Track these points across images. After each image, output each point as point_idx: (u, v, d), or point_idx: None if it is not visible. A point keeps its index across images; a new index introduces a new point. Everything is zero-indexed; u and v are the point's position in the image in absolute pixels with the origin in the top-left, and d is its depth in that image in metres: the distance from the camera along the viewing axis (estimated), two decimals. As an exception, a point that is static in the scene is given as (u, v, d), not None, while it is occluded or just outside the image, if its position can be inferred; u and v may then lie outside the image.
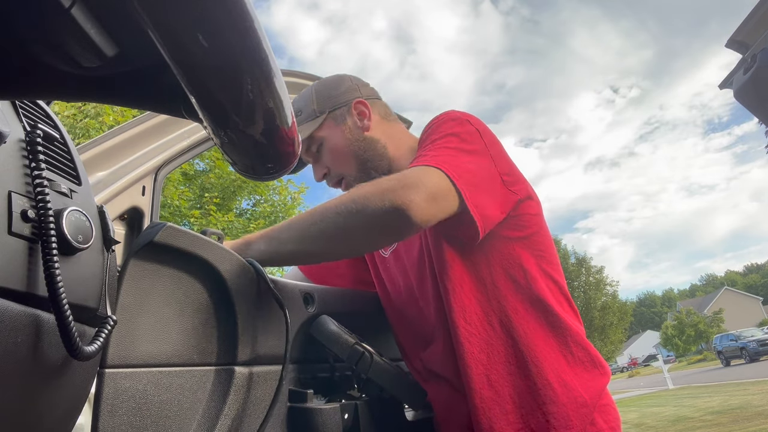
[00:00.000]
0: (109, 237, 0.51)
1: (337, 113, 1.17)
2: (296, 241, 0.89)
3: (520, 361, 0.98)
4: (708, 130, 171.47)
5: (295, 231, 0.89)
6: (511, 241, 1.03)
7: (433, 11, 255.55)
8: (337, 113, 1.17)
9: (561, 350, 1.00)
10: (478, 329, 1.00)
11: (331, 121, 1.16)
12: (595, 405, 0.98)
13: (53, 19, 0.33)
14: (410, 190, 0.84)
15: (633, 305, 44.86)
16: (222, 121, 0.38)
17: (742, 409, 8.22)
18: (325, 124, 1.17)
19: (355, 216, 0.85)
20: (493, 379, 0.98)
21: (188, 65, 0.33)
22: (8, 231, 0.38)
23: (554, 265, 1.08)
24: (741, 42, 1.67)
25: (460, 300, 1.01)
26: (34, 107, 0.51)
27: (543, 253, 1.06)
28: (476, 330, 1.00)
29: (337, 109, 1.17)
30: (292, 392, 0.89)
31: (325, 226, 0.86)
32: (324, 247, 0.90)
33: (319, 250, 0.91)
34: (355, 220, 0.85)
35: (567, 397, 0.95)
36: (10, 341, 0.36)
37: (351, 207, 0.86)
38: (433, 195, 0.86)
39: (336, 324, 0.95)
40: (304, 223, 0.89)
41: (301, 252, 0.90)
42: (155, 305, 0.69)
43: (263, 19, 2.05)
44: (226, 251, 0.81)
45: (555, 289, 1.06)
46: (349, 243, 0.90)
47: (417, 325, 1.12)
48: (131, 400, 0.63)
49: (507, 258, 1.03)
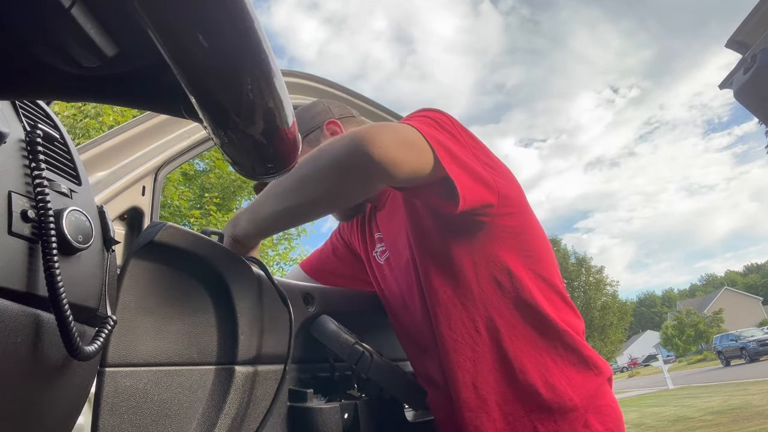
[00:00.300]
0: (109, 237, 0.51)
1: (311, 137, 1.19)
2: (276, 198, 0.88)
3: (507, 367, 0.97)
4: (708, 130, 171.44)
5: (273, 189, 0.89)
6: (497, 243, 1.01)
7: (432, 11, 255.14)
8: (311, 137, 1.19)
9: (549, 353, 0.98)
10: (464, 337, 0.99)
11: (307, 146, 1.17)
12: (587, 407, 0.96)
13: (53, 19, 0.33)
14: (378, 130, 0.82)
15: (633, 305, 44.86)
16: (222, 121, 0.38)
17: (742, 409, 8.22)
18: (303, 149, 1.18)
19: (323, 156, 0.84)
20: (479, 386, 0.97)
21: (188, 65, 0.33)
22: (8, 231, 0.38)
23: (544, 263, 1.05)
24: (741, 42, 1.67)
25: (445, 309, 1.00)
26: (34, 107, 0.51)
27: (531, 253, 1.04)
28: (462, 338, 0.99)
29: (311, 133, 1.20)
30: (292, 392, 0.89)
31: (301, 173, 0.85)
32: (301, 197, 0.87)
33: (297, 202, 0.87)
34: (323, 161, 0.84)
35: (555, 402, 0.94)
36: (10, 341, 0.36)
37: (321, 149, 0.85)
38: (403, 140, 0.84)
39: (336, 324, 0.95)
40: (284, 179, 0.87)
41: (282, 210, 0.88)
42: (156, 304, 0.69)
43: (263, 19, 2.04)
44: (226, 251, 0.81)
45: (546, 289, 1.03)
46: (322, 187, 0.87)
47: (412, 332, 1.12)
48: (131, 398, 0.63)
49: (492, 262, 1.01)
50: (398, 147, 0.83)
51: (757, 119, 1.80)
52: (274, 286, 0.85)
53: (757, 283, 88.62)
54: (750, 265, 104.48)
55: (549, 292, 1.04)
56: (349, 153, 0.82)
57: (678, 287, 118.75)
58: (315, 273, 1.39)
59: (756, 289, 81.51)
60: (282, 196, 0.87)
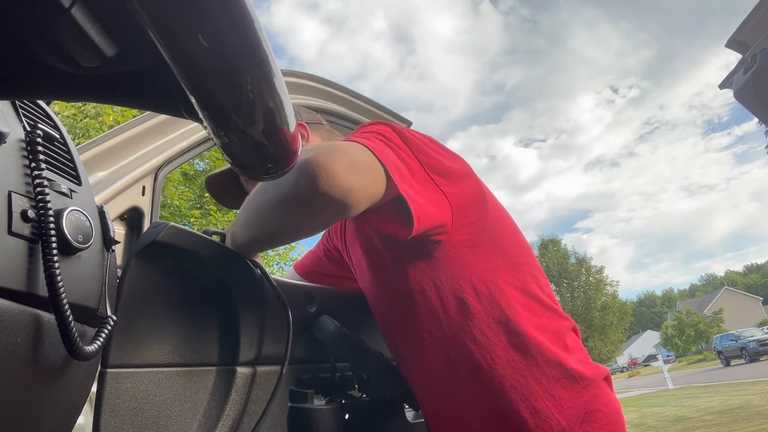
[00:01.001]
0: (109, 237, 0.51)
1: None
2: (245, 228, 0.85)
3: (489, 399, 0.90)
4: (708, 130, 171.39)
5: (242, 215, 0.86)
6: (457, 262, 0.94)
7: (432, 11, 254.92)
8: None
9: (532, 373, 0.90)
10: (441, 373, 0.93)
11: None
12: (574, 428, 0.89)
13: (53, 19, 0.33)
14: (328, 156, 0.74)
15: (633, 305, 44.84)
16: (222, 121, 0.38)
17: (742, 409, 8.22)
18: None
19: (269, 188, 0.79)
20: (461, 415, 0.93)
21: (188, 65, 0.33)
22: (8, 231, 0.38)
23: (515, 269, 0.97)
24: (741, 42, 1.67)
25: (415, 346, 0.95)
26: (34, 107, 0.51)
27: (497, 262, 0.95)
28: (439, 374, 0.94)
29: None
30: (293, 392, 0.89)
31: (255, 204, 0.82)
32: (261, 230, 0.84)
33: (261, 233, 0.85)
34: (270, 194, 0.79)
35: (540, 428, 0.87)
36: (10, 341, 0.36)
37: (268, 183, 0.79)
38: (355, 164, 0.77)
39: (337, 324, 0.95)
40: (246, 206, 0.85)
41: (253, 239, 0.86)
42: (157, 305, 0.69)
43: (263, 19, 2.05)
44: (228, 251, 0.81)
45: (519, 297, 0.94)
46: (275, 222, 0.82)
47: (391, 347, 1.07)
48: (132, 400, 0.63)
49: (455, 283, 0.92)
50: (352, 174, 0.75)
51: (757, 119, 1.80)
52: (272, 288, 0.84)
53: (757, 283, 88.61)
54: (750, 265, 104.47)
55: (524, 300, 0.95)
56: (295, 186, 0.74)
57: (678, 287, 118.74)
58: (308, 275, 1.36)
59: (756, 289, 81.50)
60: (247, 226, 0.85)
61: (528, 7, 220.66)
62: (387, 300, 0.99)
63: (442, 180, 0.94)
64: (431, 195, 0.90)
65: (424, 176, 0.91)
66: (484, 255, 0.95)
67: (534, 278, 0.99)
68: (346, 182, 0.74)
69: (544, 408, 0.88)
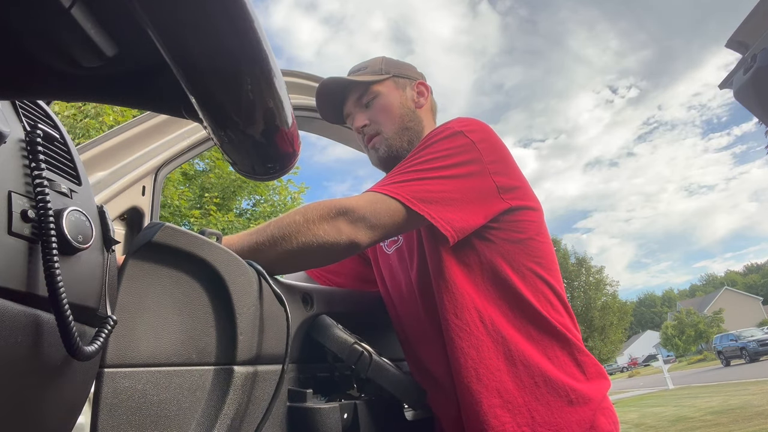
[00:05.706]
0: (109, 237, 0.51)
1: (399, 80, 1.28)
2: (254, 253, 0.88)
3: (509, 359, 1.00)
4: (707, 130, 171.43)
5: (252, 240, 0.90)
6: (506, 243, 1.07)
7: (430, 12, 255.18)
8: (400, 80, 1.28)
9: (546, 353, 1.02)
10: (469, 325, 1.02)
11: (392, 83, 1.27)
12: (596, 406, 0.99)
13: (53, 19, 0.33)
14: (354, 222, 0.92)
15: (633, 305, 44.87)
16: (222, 121, 0.38)
17: (742, 409, 8.22)
18: (387, 82, 1.27)
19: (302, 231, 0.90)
20: (481, 373, 1.00)
21: (188, 65, 0.33)
22: (8, 231, 0.38)
23: (552, 271, 1.10)
24: (741, 42, 1.67)
25: (453, 297, 1.04)
26: (34, 107, 0.51)
27: (541, 260, 1.09)
28: (467, 326, 1.02)
29: (401, 78, 1.28)
30: (292, 392, 0.89)
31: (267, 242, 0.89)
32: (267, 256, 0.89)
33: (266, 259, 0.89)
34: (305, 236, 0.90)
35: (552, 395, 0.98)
36: (10, 341, 0.36)
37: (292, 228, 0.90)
38: (375, 220, 0.95)
39: (335, 324, 0.95)
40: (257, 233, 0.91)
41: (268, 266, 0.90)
42: (154, 305, 0.69)
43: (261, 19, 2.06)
44: (224, 251, 0.81)
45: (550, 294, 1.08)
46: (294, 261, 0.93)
47: (414, 321, 1.14)
48: (130, 399, 0.63)
49: (497, 263, 1.06)
50: (370, 230, 0.94)
51: (757, 119, 1.80)
52: (270, 287, 0.84)
53: (757, 283, 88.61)
54: (750, 265, 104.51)
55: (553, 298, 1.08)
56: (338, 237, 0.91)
57: (678, 287, 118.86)
58: (314, 272, 1.38)
59: (756, 289, 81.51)
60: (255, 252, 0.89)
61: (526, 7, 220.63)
62: (436, 256, 1.07)
63: (505, 184, 1.08)
64: (480, 202, 1.04)
65: (477, 184, 1.05)
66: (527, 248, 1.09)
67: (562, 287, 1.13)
68: (367, 237, 0.95)
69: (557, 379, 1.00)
